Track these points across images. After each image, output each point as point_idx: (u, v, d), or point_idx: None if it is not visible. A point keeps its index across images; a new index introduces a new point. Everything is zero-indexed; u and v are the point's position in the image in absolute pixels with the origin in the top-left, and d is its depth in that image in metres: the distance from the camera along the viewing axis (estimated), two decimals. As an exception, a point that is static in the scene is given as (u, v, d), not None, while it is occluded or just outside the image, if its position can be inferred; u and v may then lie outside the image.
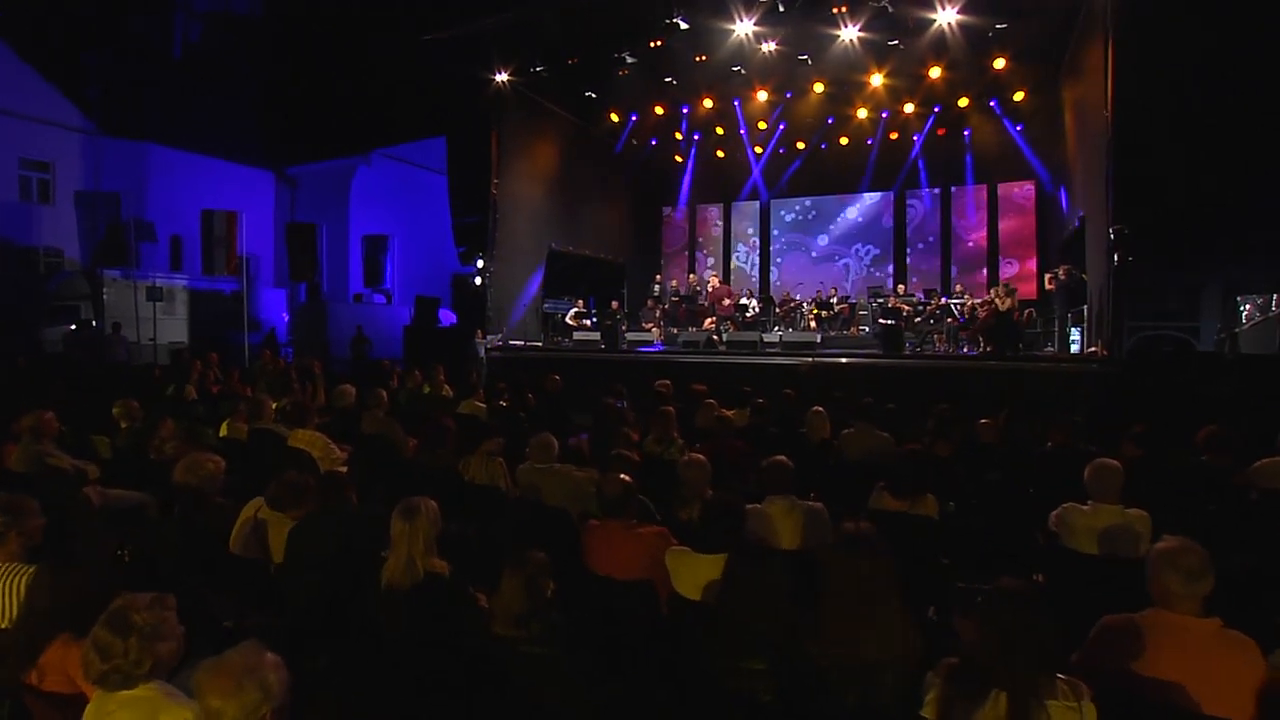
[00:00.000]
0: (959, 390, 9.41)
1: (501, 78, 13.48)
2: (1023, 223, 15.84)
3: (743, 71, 13.22)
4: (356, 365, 15.91)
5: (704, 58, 12.75)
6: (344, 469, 5.24)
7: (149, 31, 22.21)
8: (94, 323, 15.15)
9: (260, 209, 21.42)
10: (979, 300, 11.73)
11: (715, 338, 12.81)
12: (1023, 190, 15.81)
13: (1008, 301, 10.55)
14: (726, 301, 14.07)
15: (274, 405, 6.55)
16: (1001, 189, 16.00)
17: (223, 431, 5.67)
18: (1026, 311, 10.97)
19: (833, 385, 9.90)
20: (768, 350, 11.81)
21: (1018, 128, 15.14)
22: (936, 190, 16.65)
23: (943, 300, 12.56)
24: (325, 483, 3.19)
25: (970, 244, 16.38)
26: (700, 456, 3.44)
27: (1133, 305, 10.15)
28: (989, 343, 10.71)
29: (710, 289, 14.49)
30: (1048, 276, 11.61)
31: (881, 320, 11.58)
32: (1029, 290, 13.80)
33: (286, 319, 20.70)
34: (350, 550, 2.76)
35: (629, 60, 12.44)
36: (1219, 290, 12.02)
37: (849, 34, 11.85)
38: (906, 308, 12.56)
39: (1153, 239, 9.46)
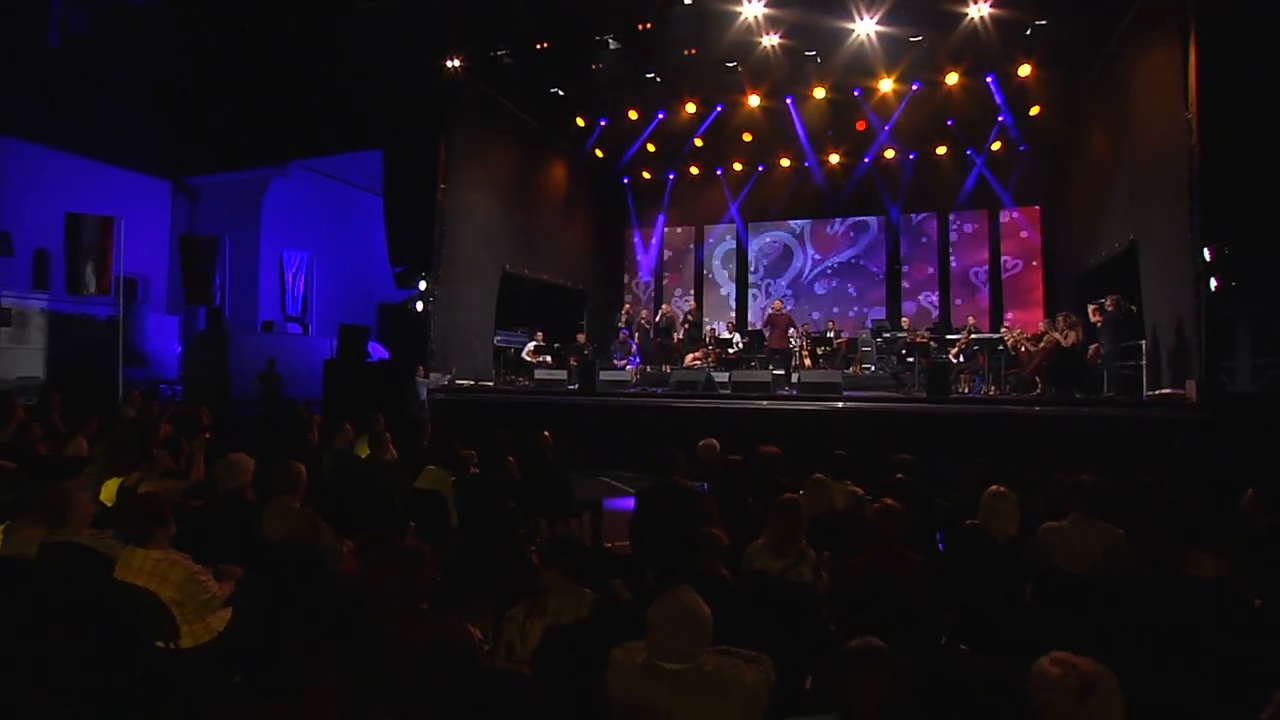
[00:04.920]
0: (1038, 441, 7.69)
1: (453, 64, 11.23)
2: (1027, 249, 14.60)
3: (739, 69, 11.45)
4: (269, 409, 12.89)
5: (695, 51, 10.94)
6: (223, 614, 2.82)
7: (13, 14, 18.78)
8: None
9: (153, 222, 18.12)
10: (1028, 334, 10.06)
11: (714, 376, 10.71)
12: (1027, 214, 14.61)
13: (1071, 336, 8.91)
14: (791, 331, 12.10)
15: (110, 487, 4.05)
16: (1003, 214, 14.78)
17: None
18: (1093, 346, 9.36)
19: (865, 436, 7.99)
20: (781, 394, 9.78)
21: (1021, 148, 14.02)
22: (933, 214, 15.29)
23: (971, 335, 10.87)
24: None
25: (971, 272, 15.03)
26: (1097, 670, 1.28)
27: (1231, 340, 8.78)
28: (1050, 383, 9.04)
29: (771, 312, 12.40)
30: (1092, 308, 10.10)
31: (926, 358, 9.72)
32: (1032, 320, 12.41)
33: (179, 351, 17.40)
34: None
35: (612, 46, 10.42)
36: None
37: (866, 27, 10.30)
38: (933, 343, 10.81)
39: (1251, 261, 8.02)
